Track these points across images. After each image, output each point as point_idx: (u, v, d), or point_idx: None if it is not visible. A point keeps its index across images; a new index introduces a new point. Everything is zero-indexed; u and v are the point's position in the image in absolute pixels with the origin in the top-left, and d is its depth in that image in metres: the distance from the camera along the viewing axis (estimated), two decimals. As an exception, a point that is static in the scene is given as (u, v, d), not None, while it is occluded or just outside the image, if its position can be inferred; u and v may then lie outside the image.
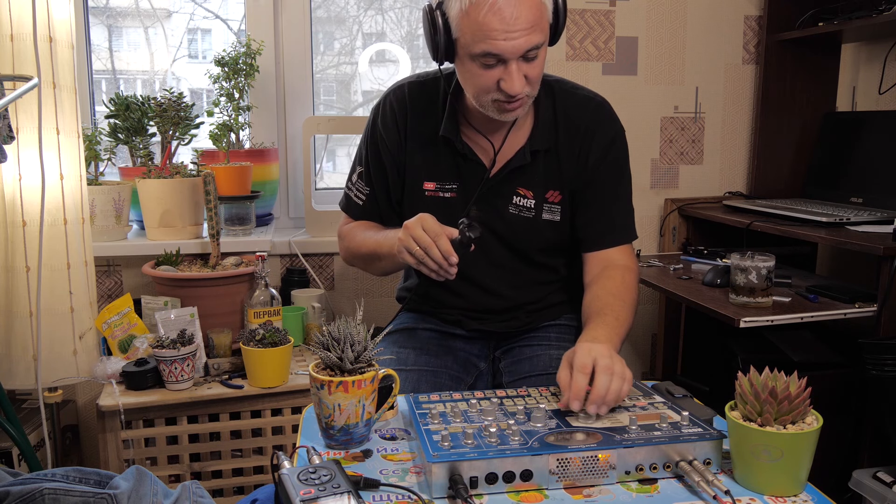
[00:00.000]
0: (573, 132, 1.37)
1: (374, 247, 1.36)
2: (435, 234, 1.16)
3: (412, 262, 1.19)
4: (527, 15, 1.14)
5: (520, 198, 1.38)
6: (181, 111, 2.02)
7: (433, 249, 1.16)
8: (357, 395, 0.99)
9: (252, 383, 1.69)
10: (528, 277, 1.44)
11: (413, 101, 1.40)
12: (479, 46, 1.16)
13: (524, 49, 1.16)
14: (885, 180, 2.00)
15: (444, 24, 1.19)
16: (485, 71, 1.19)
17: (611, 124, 1.39)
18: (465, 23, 1.16)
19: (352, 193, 1.47)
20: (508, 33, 1.14)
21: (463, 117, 1.37)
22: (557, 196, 1.39)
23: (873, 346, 1.54)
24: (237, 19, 2.33)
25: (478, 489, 0.88)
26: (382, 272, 1.43)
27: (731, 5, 2.35)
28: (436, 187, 1.40)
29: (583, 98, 1.39)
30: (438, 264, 1.16)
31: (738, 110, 2.42)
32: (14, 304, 1.65)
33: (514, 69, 1.18)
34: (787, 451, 0.86)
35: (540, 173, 1.37)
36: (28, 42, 1.57)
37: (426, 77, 1.42)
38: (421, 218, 1.19)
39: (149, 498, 0.93)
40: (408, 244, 1.18)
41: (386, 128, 1.41)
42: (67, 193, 1.68)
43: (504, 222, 1.39)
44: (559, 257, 1.46)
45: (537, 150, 1.36)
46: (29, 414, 1.83)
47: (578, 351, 1.07)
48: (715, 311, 1.64)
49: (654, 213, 2.41)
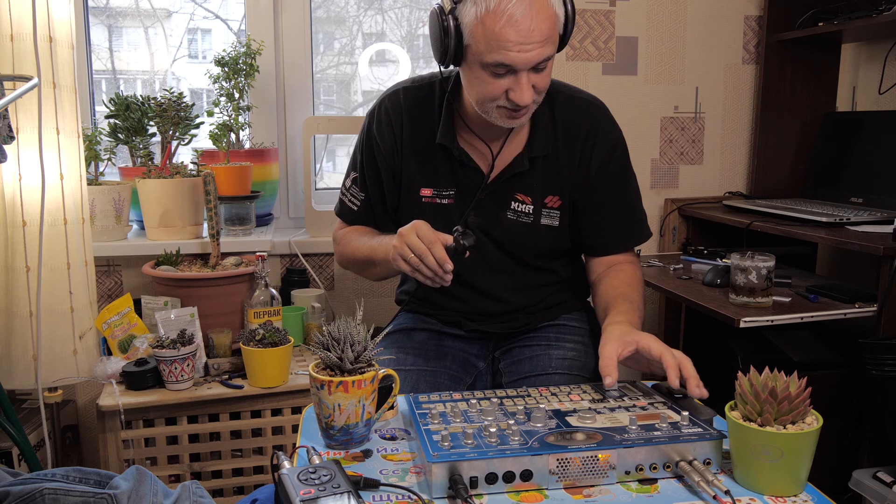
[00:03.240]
0: (573, 137, 1.36)
1: (368, 253, 1.36)
2: (430, 242, 1.16)
3: (407, 270, 1.19)
4: (542, 28, 1.15)
5: (518, 203, 1.38)
6: (181, 111, 2.02)
7: (428, 257, 1.15)
8: (357, 395, 0.99)
9: (252, 383, 1.69)
10: (526, 281, 1.44)
11: (409, 107, 1.39)
12: (493, 56, 1.15)
13: (537, 61, 1.16)
14: (885, 180, 2.00)
15: (457, 29, 1.18)
16: (494, 80, 1.19)
17: (611, 128, 1.39)
18: (480, 31, 1.15)
19: (346, 199, 1.47)
20: (523, 45, 1.14)
21: (460, 122, 1.36)
22: (557, 201, 1.38)
23: (873, 346, 1.54)
24: (237, 19, 2.34)
25: (478, 489, 0.88)
26: (377, 278, 1.43)
27: (731, 5, 2.35)
28: (433, 193, 1.39)
29: (581, 102, 1.39)
30: (433, 271, 1.16)
31: (738, 110, 2.42)
32: (14, 304, 1.65)
33: (525, 80, 1.18)
34: (787, 451, 0.86)
35: (539, 179, 1.37)
36: (28, 42, 1.57)
37: (421, 81, 1.41)
38: (415, 225, 1.18)
39: (149, 498, 0.93)
40: (402, 251, 1.18)
41: (381, 133, 1.40)
42: (67, 193, 1.68)
43: (502, 228, 1.38)
44: (558, 260, 1.46)
45: (535, 157, 1.35)
46: (29, 414, 1.83)
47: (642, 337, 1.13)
48: (715, 311, 1.64)
49: (654, 213, 2.41)
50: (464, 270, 1.40)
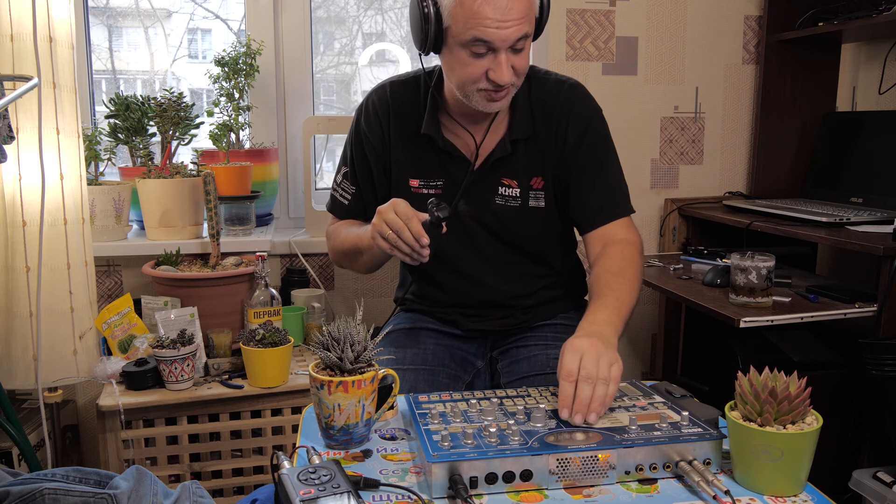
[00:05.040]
0: (549, 117, 1.38)
1: (355, 241, 1.38)
2: (406, 217, 1.18)
3: (385, 247, 1.21)
4: (519, 6, 1.18)
5: (505, 188, 1.40)
6: (181, 111, 2.02)
7: (405, 232, 1.17)
8: (357, 395, 0.99)
9: (252, 383, 1.69)
10: (520, 270, 1.45)
11: (395, 100, 1.42)
12: (471, 33, 1.18)
13: (515, 38, 1.19)
14: (885, 180, 2.00)
15: (436, 13, 1.21)
16: (474, 60, 1.22)
17: (585, 103, 1.40)
18: (459, 11, 1.18)
19: (337, 194, 1.49)
20: (501, 22, 1.17)
21: (444, 113, 1.38)
22: (540, 182, 1.40)
23: (873, 346, 1.54)
24: (237, 19, 2.33)
25: (478, 489, 0.88)
26: (366, 268, 1.44)
27: (731, 5, 2.35)
28: (420, 184, 1.41)
29: (555, 82, 1.41)
30: (410, 246, 1.18)
31: (738, 110, 2.42)
32: (14, 304, 1.65)
33: (504, 59, 1.21)
34: (787, 451, 0.86)
35: (522, 162, 1.39)
36: (28, 42, 1.57)
37: (407, 77, 1.45)
38: (393, 202, 1.21)
39: (149, 498, 0.93)
40: (380, 228, 1.20)
41: (370, 127, 1.43)
42: (67, 193, 1.68)
43: (492, 214, 1.40)
44: (551, 249, 1.46)
45: (517, 140, 1.37)
46: (29, 414, 1.83)
47: (567, 352, 1.05)
48: (715, 311, 1.64)
49: (654, 213, 2.41)
50: (459, 259, 1.41)
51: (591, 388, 1.00)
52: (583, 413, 0.98)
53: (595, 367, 1.02)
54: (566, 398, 1.00)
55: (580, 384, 1.01)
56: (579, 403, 0.99)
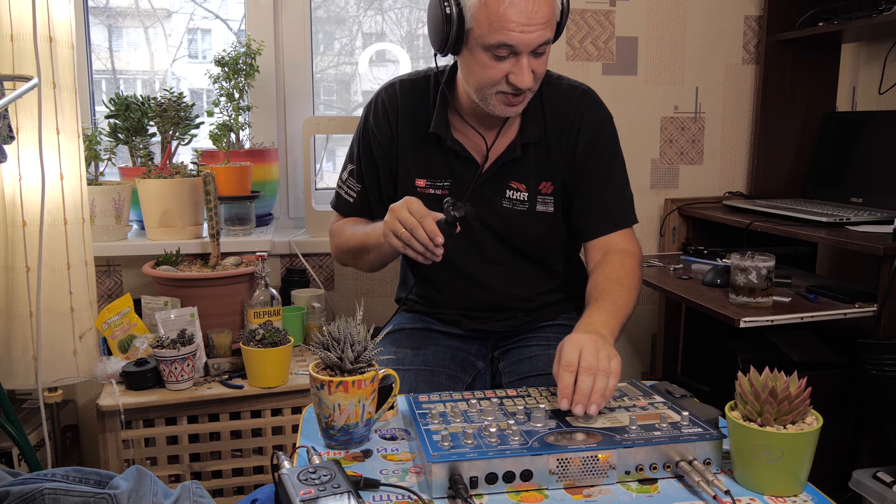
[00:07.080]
0: (561, 122, 1.38)
1: (362, 239, 1.37)
2: (420, 216, 1.17)
3: (398, 246, 1.19)
4: (543, 10, 1.17)
5: (513, 191, 1.39)
6: (181, 111, 2.02)
7: (419, 230, 1.16)
8: (357, 395, 0.99)
9: (252, 383, 1.69)
10: (523, 273, 1.45)
11: (404, 99, 1.41)
12: (496, 37, 1.17)
13: (538, 43, 1.19)
14: (885, 180, 2.00)
15: (459, 14, 1.20)
16: (496, 63, 1.21)
17: (596, 110, 1.40)
18: (483, 13, 1.18)
19: (342, 191, 1.48)
20: (526, 26, 1.16)
21: (455, 113, 1.38)
22: (550, 187, 1.39)
23: (873, 346, 1.54)
24: (237, 19, 2.34)
25: (478, 489, 0.88)
26: (371, 266, 1.43)
27: (731, 5, 2.35)
28: (426, 184, 1.41)
29: (567, 87, 1.41)
30: (424, 245, 1.17)
31: (738, 110, 2.42)
32: (14, 304, 1.65)
33: (526, 63, 1.20)
34: (787, 451, 0.86)
35: (532, 165, 1.38)
36: (28, 42, 1.57)
37: (417, 75, 1.44)
38: (407, 200, 1.19)
39: (149, 498, 0.93)
40: (394, 227, 1.18)
41: (378, 125, 1.42)
42: (67, 193, 1.68)
43: (498, 217, 1.40)
44: (555, 253, 1.46)
45: (528, 143, 1.37)
46: (29, 414, 1.83)
47: (566, 345, 1.06)
48: (715, 311, 1.64)
49: (654, 213, 2.41)
50: (462, 261, 1.40)
51: (591, 380, 1.00)
52: (583, 404, 0.98)
53: (595, 360, 1.02)
54: (566, 388, 1.00)
55: (581, 375, 1.00)
56: (580, 394, 0.99)
